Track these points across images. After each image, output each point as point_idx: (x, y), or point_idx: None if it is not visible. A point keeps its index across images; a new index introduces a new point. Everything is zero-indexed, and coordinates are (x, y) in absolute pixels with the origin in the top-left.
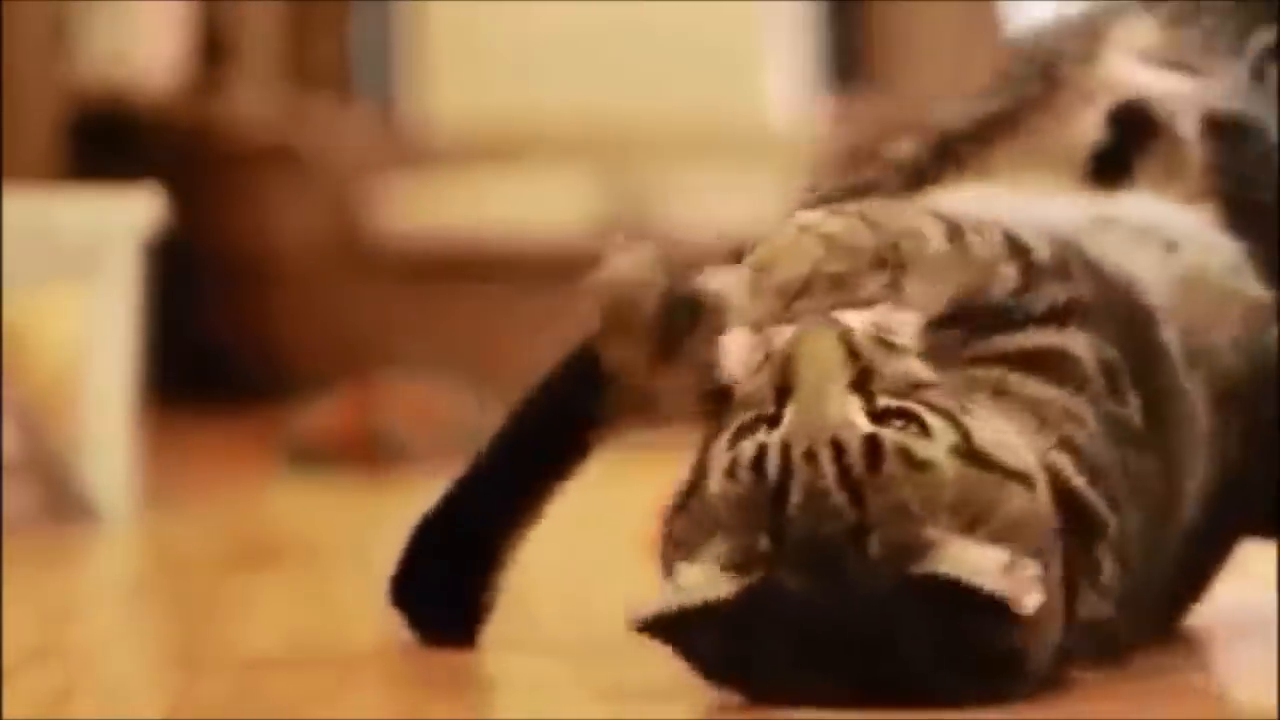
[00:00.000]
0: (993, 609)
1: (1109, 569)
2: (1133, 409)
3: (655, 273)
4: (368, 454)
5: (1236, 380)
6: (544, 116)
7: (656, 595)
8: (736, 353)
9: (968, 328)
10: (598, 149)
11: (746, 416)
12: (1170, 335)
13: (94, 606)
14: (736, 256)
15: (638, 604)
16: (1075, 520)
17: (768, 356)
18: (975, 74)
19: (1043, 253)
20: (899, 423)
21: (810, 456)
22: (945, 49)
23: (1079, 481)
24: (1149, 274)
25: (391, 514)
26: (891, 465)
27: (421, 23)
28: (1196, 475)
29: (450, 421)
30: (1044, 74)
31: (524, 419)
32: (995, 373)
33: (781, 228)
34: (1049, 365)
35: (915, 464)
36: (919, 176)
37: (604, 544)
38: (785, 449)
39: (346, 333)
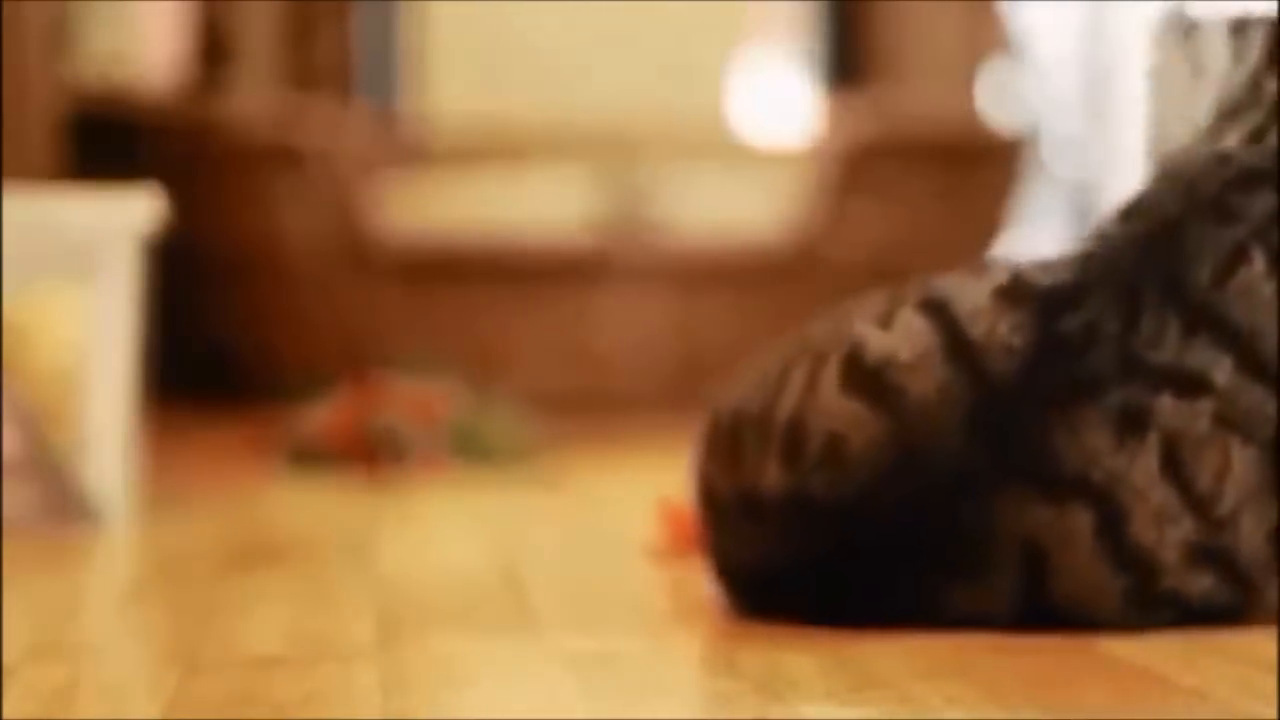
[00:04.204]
0: None
1: None
2: None
3: None
4: (368, 454)
5: None
6: (544, 116)
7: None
8: None
9: None
10: (598, 149)
11: None
12: None
13: (94, 606)
14: None
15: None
16: None
17: None
18: (975, 74)
19: None
20: None
21: None
22: (945, 49)
23: None
24: None
25: (391, 514)
26: None
27: (422, 23)
28: None
29: (450, 421)
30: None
31: None
32: None
33: None
34: None
35: None
36: None
37: (604, 544)
38: None
39: (346, 333)
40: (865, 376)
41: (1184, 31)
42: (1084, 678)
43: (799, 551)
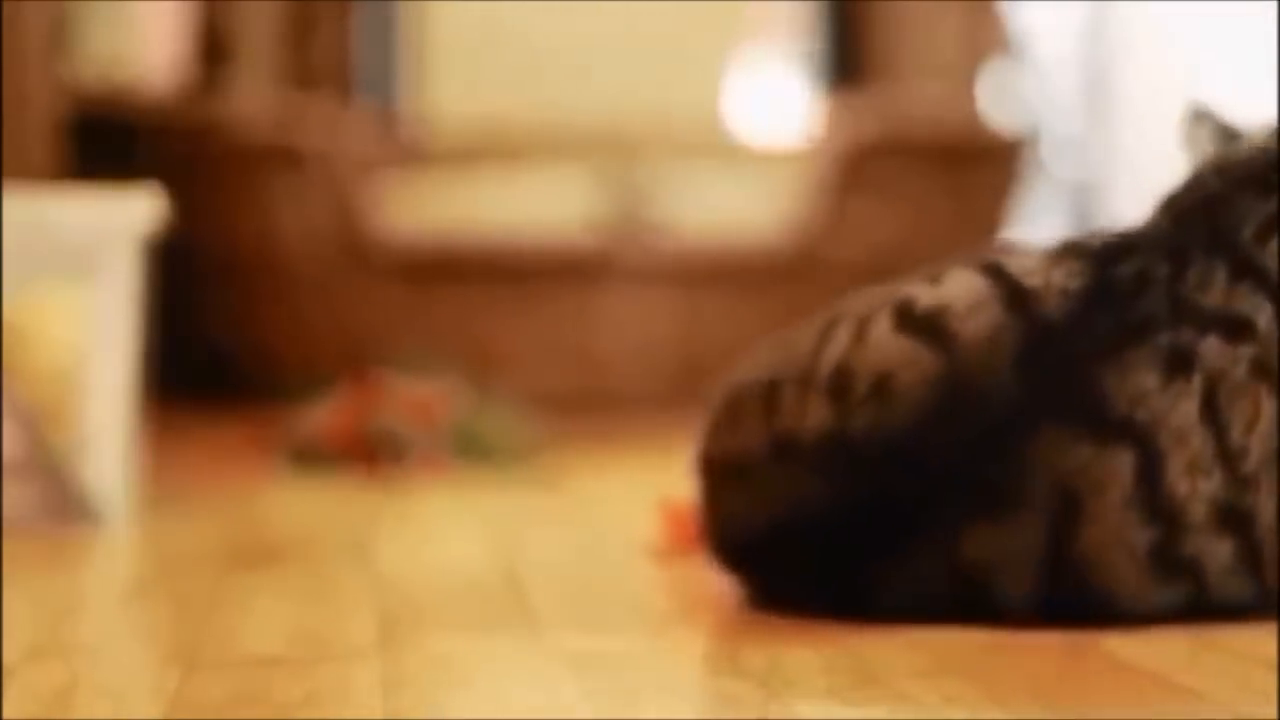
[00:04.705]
0: None
1: None
2: None
3: None
4: (368, 454)
5: None
6: (543, 116)
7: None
8: None
9: None
10: (598, 149)
11: None
12: None
13: (94, 606)
14: None
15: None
16: None
17: None
18: (975, 74)
19: None
20: None
21: None
22: (945, 49)
23: None
24: None
25: (391, 514)
26: None
27: (422, 23)
28: None
29: (450, 421)
30: None
31: None
32: None
33: None
34: None
35: None
36: None
37: (604, 544)
38: None
39: (346, 333)
40: (919, 320)
41: (1221, 138)
42: (1085, 676)
43: (834, 491)
